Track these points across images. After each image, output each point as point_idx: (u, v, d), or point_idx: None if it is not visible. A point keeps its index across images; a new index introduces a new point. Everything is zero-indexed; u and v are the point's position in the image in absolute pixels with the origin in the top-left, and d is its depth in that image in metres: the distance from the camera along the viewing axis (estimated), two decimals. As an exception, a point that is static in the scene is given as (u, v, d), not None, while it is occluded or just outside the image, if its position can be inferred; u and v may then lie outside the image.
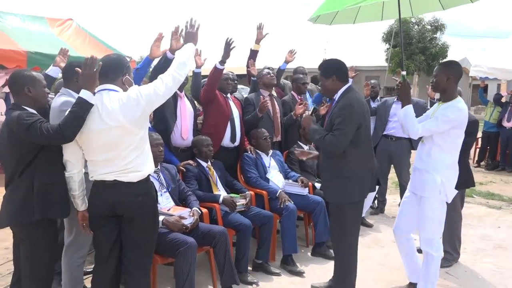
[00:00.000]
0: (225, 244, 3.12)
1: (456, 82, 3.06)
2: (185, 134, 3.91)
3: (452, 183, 3.07)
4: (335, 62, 3.11)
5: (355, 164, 2.94)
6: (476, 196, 6.55)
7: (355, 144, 2.90)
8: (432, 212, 3.06)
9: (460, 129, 3.03)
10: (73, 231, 2.84)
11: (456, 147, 3.06)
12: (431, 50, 20.49)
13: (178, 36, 3.33)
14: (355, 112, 2.89)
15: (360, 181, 2.97)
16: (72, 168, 2.42)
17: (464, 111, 3.00)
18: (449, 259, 3.94)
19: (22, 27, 7.57)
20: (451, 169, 3.07)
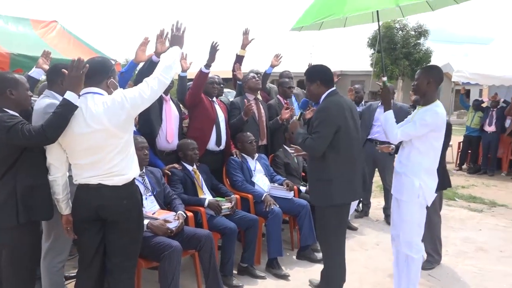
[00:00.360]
0: (210, 248, 3.12)
1: (436, 86, 3.09)
2: (170, 137, 3.90)
3: (431, 187, 3.08)
4: (319, 67, 3.16)
5: (335, 167, 2.94)
6: (458, 199, 6.66)
7: (334, 147, 2.91)
8: (410, 216, 3.07)
9: (438, 132, 3.04)
10: (52, 235, 2.81)
11: (435, 150, 3.08)
12: (415, 55, 20.81)
13: (163, 39, 3.33)
14: (331, 115, 2.91)
15: (342, 185, 2.94)
16: (56, 171, 2.39)
17: (442, 115, 3.01)
18: (431, 261, 4.00)
19: (5, 28, 7.45)
20: (430, 173, 3.08)
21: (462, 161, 9.43)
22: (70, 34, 8.20)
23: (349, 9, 3.15)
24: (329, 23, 4.07)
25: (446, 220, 5.43)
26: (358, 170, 3.06)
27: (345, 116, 2.96)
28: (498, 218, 5.69)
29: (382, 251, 4.35)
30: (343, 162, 2.95)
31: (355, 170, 3.03)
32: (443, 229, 5.00)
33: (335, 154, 2.92)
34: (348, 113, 3.01)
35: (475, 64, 9.02)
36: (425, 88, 3.07)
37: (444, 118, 3.04)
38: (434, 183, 3.11)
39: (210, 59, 3.94)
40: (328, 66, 3.23)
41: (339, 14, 3.25)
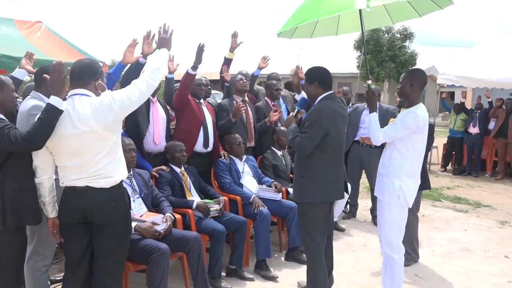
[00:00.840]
0: (199, 250, 3.11)
1: (419, 89, 3.09)
2: (158, 139, 3.88)
3: (412, 189, 3.07)
4: (319, 69, 3.25)
5: (319, 167, 3.05)
6: (443, 200, 6.75)
7: (322, 149, 3.03)
8: (390, 217, 3.09)
9: (419, 134, 3.03)
10: (35, 238, 2.77)
11: (417, 152, 3.07)
12: (400, 58, 21.09)
13: (150, 40, 3.32)
14: (322, 119, 3.01)
15: (323, 185, 3.05)
16: (42, 174, 2.36)
17: (422, 117, 3.00)
18: (408, 258, 4.04)
19: (-12, 29, 7.34)
20: (411, 174, 3.07)
21: (447, 163, 9.57)
22: (56, 34, 8.11)
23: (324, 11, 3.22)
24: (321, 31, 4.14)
25: (431, 221, 5.52)
26: (342, 172, 3.18)
27: (335, 121, 3.06)
28: (482, 219, 5.78)
29: (370, 252, 4.39)
30: (327, 163, 3.07)
31: (339, 171, 3.14)
32: (429, 230, 5.10)
33: (321, 154, 3.04)
34: (340, 118, 3.12)
35: (459, 67, 9.18)
36: (408, 91, 3.08)
37: (425, 120, 3.03)
38: (416, 185, 3.11)
39: (197, 61, 3.93)
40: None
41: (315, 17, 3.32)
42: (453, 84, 9.37)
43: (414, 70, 3.31)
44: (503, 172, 8.67)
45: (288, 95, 5.69)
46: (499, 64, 8.52)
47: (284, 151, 4.81)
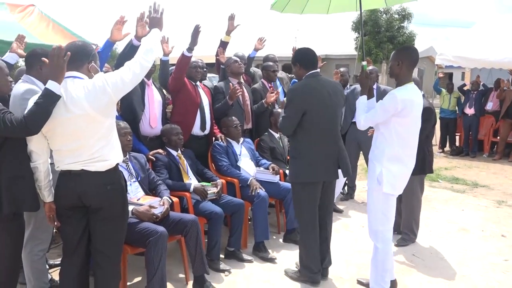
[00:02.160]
0: (197, 233, 3.10)
1: (408, 68, 2.91)
2: (154, 122, 3.85)
3: (395, 175, 2.89)
4: (300, 50, 3.30)
5: (304, 147, 3.13)
6: (441, 180, 6.78)
7: (304, 129, 3.10)
8: (373, 203, 2.99)
9: (401, 117, 2.83)
10: (31, 224, 2.77)
11: (399, 136, 2.86)
12: (398, 38, 20.86)
13: (143, 22, 3.26)
14: (296, 97, 3.09)
15: (309, 164, 3.11)
16: (37, 158, 2.34)
17: (400, 99, 2.78)
18: (406, 239, 4.13)
19: (-20, 12, 7.22)
20: (393, 160, 2.89)
21: (443, 144, 9.57)
22: (49, 18, 7.98)
23: None
24: (311, 8, 4.08)
25: (429, 201, 5.54)
26: (330, 152, 3.17)
27: (312, 99, 3.07)
28: (479, 199, 5.80)
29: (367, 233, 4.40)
30: (312, 142, 3.12)
31: (326, 151, 3.15)
32: (426, 210, 5.12)
33: (305, 134, 3.12)
34: (323, 96, 3.10)
35: (457, 47, 9.11)
36: (397, 70, 2.92)
37: (405, 102, 2.80)
38: (400, 171, 2.93)
39: (193, 43, 3.87)
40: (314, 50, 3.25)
41: None
42: (452, 64, 9.32)
43: (402, 47, 3.15)
44: (501, 152, 8.66)
45: (285, 77, 5.64)
46: (497, 44, 8.46)
47: (281, 133, 4.79)
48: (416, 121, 2.95)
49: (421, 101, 2.98)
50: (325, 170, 3.16)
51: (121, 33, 3.17)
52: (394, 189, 2.94)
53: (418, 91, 2.99)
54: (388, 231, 3.02)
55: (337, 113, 3.27)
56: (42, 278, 2.89)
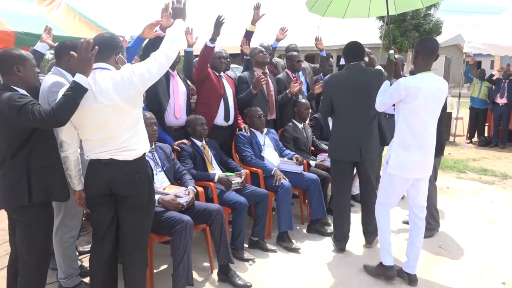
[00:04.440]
0: (221, 222, 3.13)
1: (423, 58, 3.00)
2: (179, 113, 3.89)
3: (401, 158, 3.02)
4: (346, 45, 3.69)
5: (334, 129, 3.70)
6: (469, 172, 6.62)
7: (334, 113, 3.63)
8: (381, 181, 3.24)
9: (406, 103, 2.95)
10: (61, 212, 2.84)
11: (408, 123, 2.98)
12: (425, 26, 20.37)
13: (168, 13, 3.27)
14: (325, 85, 3.71)
15: (336, 144, 3.63)
16: (67, 148, 2.39)
17: (404, 86, 2.91)
18: (430, 228, 4.04)
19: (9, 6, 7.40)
20: (402, 146, 3.01)
21: (472, 134, 9.33)
22: (75, 11, 8.12)
23: None
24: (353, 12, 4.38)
25: (456, 193, 5.43)
26: (353, 135, 3.52)
27: (338, 87, 3.54)
28: (509, 191, 5.65)
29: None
30: (340, 127, 3.60)
31: (349, 135, 3.53)
32: (454, 201, 5.03)
33: (335, 118, 3.67)
34: (349, 85, 3.51)
35: (486, 35, 8.81)
36: (414, 61, 3.07)
37: (412, 89, 2.90)
38: (408, 156, 3.01)
39: (215, 33, 3.88)
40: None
41: None
42: (480, 53, 9.04)
43: (420, 39, 3.44)
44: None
45: (308, 67, 5.59)
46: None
47: (305, 123, 4.76)
48: (426, 107, 2.97)
49: (438, 88, 2.99)
50: (346, 151, 3.55)
51: (152, 31, 3.21)
52: (400, 171, 3.06)
53: (435, 79, 3.02)
54: (385, 206, 3.25)
55: (362, 100, 3.49)
56: (72, 264, 2.98)
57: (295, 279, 3.26)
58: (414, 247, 3.17)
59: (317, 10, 4.21)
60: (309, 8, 4.18)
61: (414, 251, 3.17)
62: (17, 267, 2.44)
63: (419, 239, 3.18)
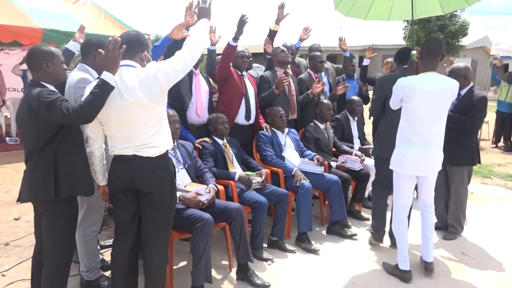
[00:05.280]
0: (241, 221, 3.13)
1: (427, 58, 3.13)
2: (201, 111, 3.91)
3: (403, 155, 3.15)
4: (400, 49, 3.91)
5: (382, 127, 3.72)
6: (494, 177, 6.46)
7: (385, 111, 3.63)
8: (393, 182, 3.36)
9: (405, 102, 3.12)
10: (84, 206, 2.89)
11: (407, 120, 3.13)
12: (450, 28, 19.99)
13: (192, 11, 3.29)
14: (379, 86, 3.69)
15: (383, 141, 3.65)
16: (93, 143, 2.44)
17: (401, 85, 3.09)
18: (453, 232, 4.03)
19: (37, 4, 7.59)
20: (404, 143, 3.17)
21: (498, 139, 9.09)
22: (101, 9, 8.28)
23: None
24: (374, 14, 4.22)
25: (481, 199, 5.30)
26: None
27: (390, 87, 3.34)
28: (536, 197, 5.48)
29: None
30: (389, 125, 3.54)
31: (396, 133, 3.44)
32: (478, 207, 4.91)
33: (384, 117, 3.67)
34: None
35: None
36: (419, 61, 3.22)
37: (408, 89, 3.05)
38: (409, 152, 3.13)
39: (238, 32, 3.88)
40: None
41: None
42: (509, 55, 8.82)
43: (424, 40, 3.44)
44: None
45: (330, 67, 5.55)
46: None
47: (326, 124, 4.73)
48: (424, 106, 3.05)
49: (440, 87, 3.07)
50: (393, 149, 3.35)
51: (181, 33, 3.22)
52: (400, 168, 3.21)
53: (438, 79, 3.10)
54: (399, 207, 3.32)
55: None
56: (94, 258, 3.02)
57: (314, 280, 3.24)
58: (426, 237, 3.35)
59: (341, 8, 4.23)
60: (336, 5, 4.19)
61: (427, 241, 3.34)
62: (41, 259, 2.49)
63: (429, 228, 3.35)
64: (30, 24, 6.83)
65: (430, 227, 3.35)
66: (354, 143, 5.01)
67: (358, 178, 4.49)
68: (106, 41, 2.24)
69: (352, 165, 4.46)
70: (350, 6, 4.22)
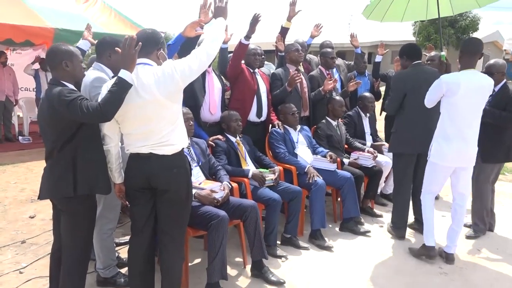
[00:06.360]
0: (255, 218, 3.14)
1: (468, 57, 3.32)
2: (214, 109, 3.92)
3: (442, 148, 3.32)
4: (406, 45, 3.99)
5: (400, 124, 3.77)
6: (507, 173, 6.40)
7: (403, 108, 3.73)
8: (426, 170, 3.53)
9: (449, 97, 3.26)
10: (101, 204, 2.91)
11: (450, 116, 3.28)
12: (460, 22, 19.78)
13: (206, 10, 3.30)
14: (397, 83, 3.75)
15: (401, 137, 3.74)
16: (109, 141, 2.46)
17: (444, 81, 3.24)
18: (476, 230, 4.00)
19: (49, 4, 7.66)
20: (445, 137, 3.31)
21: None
22: (111, 8, 8.33)
23: None
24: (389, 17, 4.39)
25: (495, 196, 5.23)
26: (420, 129, 3.66)
27: (410, 84, 3.67)
28: (551, 193, 5.43)
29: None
30: (407, 121, 3.69)
31: (416, 128, 3.67)
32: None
33: (403, 113, 3.73)
34: (418, 82, 3.64)
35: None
36: (459, 60, 3.38)
37: (452, 85, 3.21)
38: (449, 145, 3.30)
39: (250, 31, 3.89)
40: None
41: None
42: (522, 50, 8.70)
43: (465, 40, 3.58)
44: None
45: (342, 64, 5.54)
46: None
47: (338, 121, 4.72)
48: (466, 101, 3.23)
49: (481, 84, 3.27)
50: (413, 144, 3.70)
51: (194, 31, 3.23)
52: (441, 160, 3.37)
53: (478, 76, 3.31)
54: (428, 193, 3.55)
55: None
56: (110, 255, 3.05)
57: (328, 277, 3.24)
58: (453, 231, 3.48)
59: (375, 17, 4.40)
60: (367, 16, 4.40)
61: (453, 234, 3.47)
62: (60, 256, 2.52)
63: (459, 224, 3.49)
64: (42, 23, 6.89)
65: (460, 223, 3.49)
66: (366, 139, 5.00)
67: (370, 175, 4.47)
68: (121, 40, 2.25)
69: (365, 162, 4.45)
70: (384, 12, 4.40)
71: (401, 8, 4.28)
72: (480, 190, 3.93)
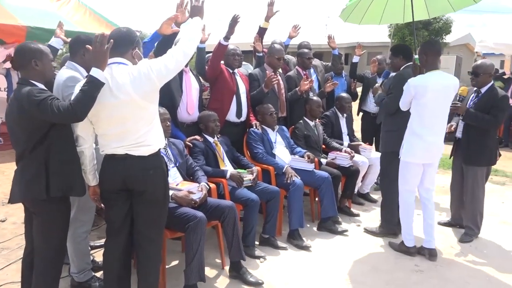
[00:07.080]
0: (234, 219, 3.12)
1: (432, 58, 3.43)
2: (191, 109, 3.88)
3: (412, 145, 3.44)
4: (401, 45, 4.16)
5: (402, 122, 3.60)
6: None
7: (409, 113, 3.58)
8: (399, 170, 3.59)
9: (417, 99, 3.37)
10: (75, 206, 2.84)
11: (420, 115, 3.39)
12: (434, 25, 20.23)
13: (183, 9, 3.27)
14: (400, 84, 3.58)
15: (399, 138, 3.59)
16: (83, 142, 2.39)
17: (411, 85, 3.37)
18: (470, 234, 3.99)
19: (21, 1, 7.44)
20: (413, 134, 3.44)
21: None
22: (86, 6, 8.15)
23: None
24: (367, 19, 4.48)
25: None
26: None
27: None
28: (520, 191, 5.59)
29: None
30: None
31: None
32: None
33: (402, 112, 3.60)
34: None
35: (498, 34, 8.74)
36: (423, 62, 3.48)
37: (420, 88, 3.33)
38: (418, 143, 3.41)
39: (229, 32, 3.88)
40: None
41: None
42: (493, 52, 8.98)
43: (426, 42, 3.77)
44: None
45: (319, 64, 5.57)
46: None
47: (316, 121, 4.75)
48: (435, 101, 3.35)
49: (447, 84, 3.40)
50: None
51: (170, 27, 3.18)
52: (412, 157, 3.47)
53: (444, 76, 3.42)
54: (407, 192, 3.59)
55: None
56: (84, 259, 2.98)
57: (307, 277, 3.25)
58: (428, 225, 3.55)
59: (353, 19, 4.42)
60: (344, 19, 4.40)
61: (429, 228, 3.54)
62: (32, 259, 2.44)
63: (431, 216, 3.57)
64: (14, 21, 6.68)
65: (432, 216, 3.58)
66: (344, 139, 5.05)
67: (348, 174, 4.52)
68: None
69: (342, 162, 4.49)
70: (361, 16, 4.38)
71: (379, 11, 4.31)
72: (473, 195, 3.89)
